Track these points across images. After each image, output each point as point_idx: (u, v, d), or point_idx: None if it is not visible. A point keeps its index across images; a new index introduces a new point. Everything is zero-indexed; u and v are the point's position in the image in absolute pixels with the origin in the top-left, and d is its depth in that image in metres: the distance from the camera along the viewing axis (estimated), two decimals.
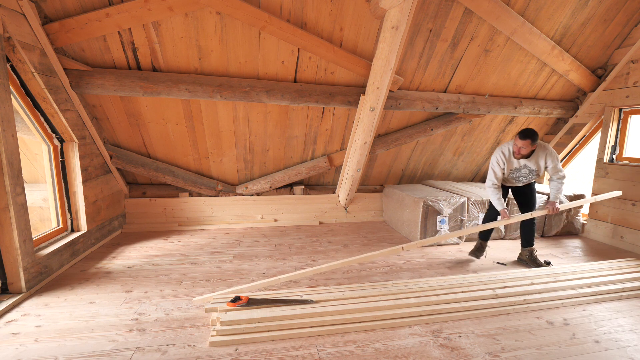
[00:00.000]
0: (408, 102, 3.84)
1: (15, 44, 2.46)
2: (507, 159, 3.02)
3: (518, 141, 2.86)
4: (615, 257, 3.50)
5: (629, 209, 3.78)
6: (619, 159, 3.97)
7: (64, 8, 2.75)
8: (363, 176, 4.75)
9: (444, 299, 2.46)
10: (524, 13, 3.40)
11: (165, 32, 2.99)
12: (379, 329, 2.19)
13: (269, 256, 3.42)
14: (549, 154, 2.95)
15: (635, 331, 2.22)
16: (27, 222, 2.53)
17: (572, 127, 4.55)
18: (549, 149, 2.96)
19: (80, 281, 2.77)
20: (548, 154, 2.95)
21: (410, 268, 3.18)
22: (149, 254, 3.40)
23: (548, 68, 3.99)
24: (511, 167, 3.04)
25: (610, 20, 3.67)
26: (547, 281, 2.76)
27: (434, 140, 4.52)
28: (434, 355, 1.95)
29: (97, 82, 3.10)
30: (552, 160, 2.95)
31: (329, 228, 4.45)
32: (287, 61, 3.36)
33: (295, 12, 3.03)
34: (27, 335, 2.04)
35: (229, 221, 4.43)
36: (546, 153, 2.95)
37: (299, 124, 3.94)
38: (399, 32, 2.91)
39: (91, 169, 3.45)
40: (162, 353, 1.91)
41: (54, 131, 3.07)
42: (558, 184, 3.03)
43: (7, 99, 2.34)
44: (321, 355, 1.93)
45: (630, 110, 3.91)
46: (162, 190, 4.26)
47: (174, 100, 3.48)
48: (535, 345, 2.06)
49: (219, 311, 2.24)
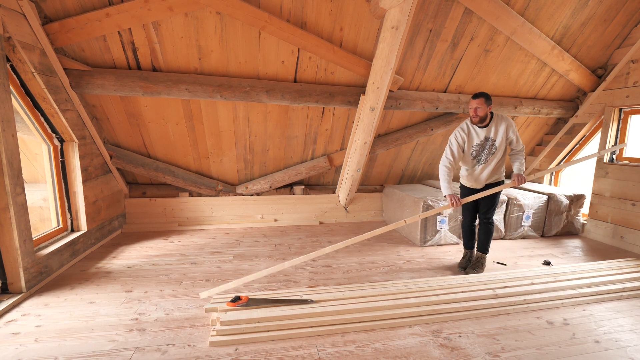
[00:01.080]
0: (408, 102, 3.84)
1: (15, 44, 2.46)
2: (467, 133, 2.84)
3: (472, 102, 2.73)
4: (615, 257, 3.50)
5: (629, 209, 3.78)
6: (619, 159, 3.97)
7: (64, 8, 2.75)
8: (363, 176, 4.75)
9: (444, 299, 2.46)
10: (524, 13, 3.40)
11: (165, 32, 2.99)
12: (379, 329, 2.19)
13: (269, 256, 3.41)
14: (510, 125, 2.80)
15: (635, 331, 2.22)
16: (27, 222, 2.53)
17: (572, 127, 4.55)
18: (509, 120, 2.82)
19: (80, 281, 2.77)
20: (509, 125, 2.80)
21: (410, 268, 3.18)
22: (149, 253, 3.40)
23: (548, 68, 3.99)
24: (472, 143, 2.86)
25: (610, 20, 3.67)
26: (547, 281, 2.76)
27: (434, 140, 4.52)
28: (434, 355, 1.95)
29: (97, 82, 3.10)
30: (514, 132, 2.82)
31: (329, 228, 4.45)
32: (287, 61, 3.36)
33: (295, 12, 3.03)
34: (27, 335, 2.04)
35: (229, 221, 4.43)
36: (507, 124, 2.79)
37: (299, 124, 3.94)
38: (399, 32, 2.91)
39: (91, 169, 3.45)
40: (162, 353, 1.91)
41: (54, 131, 3.07)
42: (520, 156, 2.88)
43: (7, 99, 2.34)
44: (321, 355, 1.93)
45: (630, 110, 3.90)
46: (162, 190, 4.26)
47: (174, 100, 3.48)
48: (535, 345, 2.06)
49: (218, 311, 2.24)
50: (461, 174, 3.12)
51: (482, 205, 3.08)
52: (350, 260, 3.33)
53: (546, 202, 4.12)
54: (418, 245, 3.82)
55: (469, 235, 3.21)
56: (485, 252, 3.14)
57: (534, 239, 4.16)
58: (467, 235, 3.22)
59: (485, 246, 3.14)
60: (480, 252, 3.15)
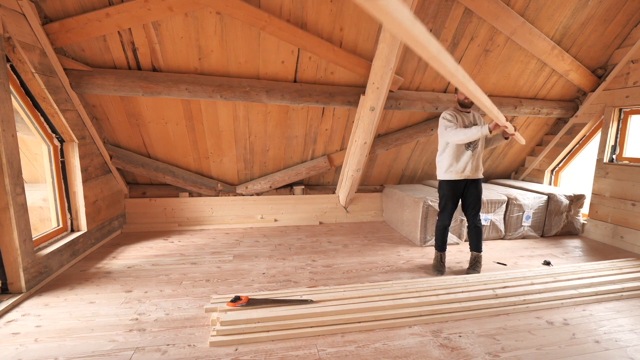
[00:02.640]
0: (408, 102, 3.84)
1: (15, 44, 2.46)
2: (455, 116, 2.89)
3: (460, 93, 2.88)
4: (615, 257, 3.50)
5: (629, 209, 3.78)
6: (619, 159, 3.97)
7: (64, 8, 2.75)
8: (363, 176, 4.75)
9: (444, 299, 2.46)
10: (524, 13, 3.40)
11: (165, 32, 2.99)
12: (379, 329, 2.19)
13: (269, 256, 3.41)
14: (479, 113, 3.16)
15: (635, 331, 2.22)
16: (27, 222, 2.53)
17: (572, 127, 4.55)
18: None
19: (80, 281, 2.77)
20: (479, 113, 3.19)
21: (410, 268, 3.18)
22: (149, 254, 3.39)
23: (548, 68, 3.99)
24: (463, 124, 2.91)
25: (610, 20, 3.67)
26: (547, 281, 2.76)
27: (434, 140, 4.52)
28: (434, 355, 1.95)
29: (97, 82, 3.10)
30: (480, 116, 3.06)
31: (329, 228, 4.45)
32: (287, 61, 3.36)
33: (295, 12, 3.03)
34: (27, 335, 2.04)
35: (229, 221, 4.43)
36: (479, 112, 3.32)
37: (299, 124, 3.94)
38: None
39: (91, 169, 3.45)
40: (162, 353, 1.91)
41: (54, 131, 3.07)
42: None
43: (7, 99, 2.34)
44: (321, 355, 1.93)
45: (630, 110, 3.90)
46: (162, 190, 4.26)
47: (174, 100, 3.48)
48: (535, 345, 2.06)
49: (218, 311, 2.24)
50: (444, 167, 2.95)
51: (470, 207, 3.04)
52: (350, 261, 3.33)
53: (546, 202, 4.12)
54: (418, 245, 3.82)
55: (444, 237, 3.12)
56: (481, 250, 3.13)
57: (534, 239, 4.16)
58: (443, 237, 3.12)
59: (480, 245, 3.12)
60: (478, 251, 3.13)
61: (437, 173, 3.07)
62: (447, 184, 2.98)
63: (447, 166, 2.94)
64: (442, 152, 2.99)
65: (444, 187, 3.01)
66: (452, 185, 2.97)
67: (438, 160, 3.04)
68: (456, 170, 2.92)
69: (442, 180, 3.01)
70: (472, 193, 3.00)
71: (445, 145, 2.95)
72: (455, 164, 2.91)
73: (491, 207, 3.93)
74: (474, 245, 3.13)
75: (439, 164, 3.03)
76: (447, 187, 2.99)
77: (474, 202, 3.02)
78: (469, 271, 3.08)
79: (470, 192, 3.00)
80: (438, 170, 3.04)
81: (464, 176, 2.92)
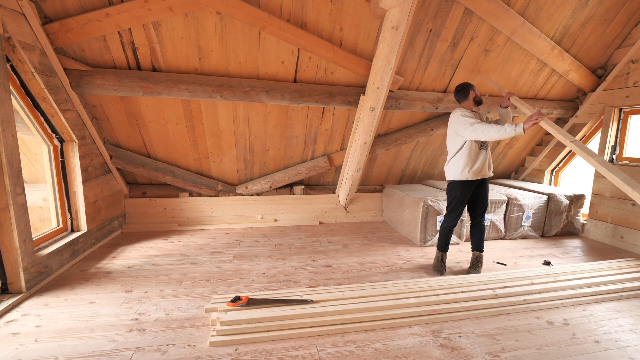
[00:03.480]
0: (408, 102, 3.84)
1: (15, 44, 2.46)
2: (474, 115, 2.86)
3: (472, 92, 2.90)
4: (615, 257, 3.50)
5: (629, 209, 3.78)
6: (619, 159, 3.97)
7: (64, 8, 2.75)
8: (363, 176, 4.75)
9: (444, 299, 2.46)
10: (524, 13, 3.40)
11: (165, 32, 2.99)
12: (379, 329, 2.19)
13: (269, 256, 3.41)
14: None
15: (635, 331, 2.22)
16: (27, 222, 2.53)
17: (572, 127, 4.55)
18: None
19: (80, 281, 2.77)
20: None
21: (410, 268, 3.18)
22: (149, 254, 3.39)
23: (548, 68, 3.99)
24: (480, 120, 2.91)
25: (610, 20, 3.67)
26: (547, 281, 2.76)
27: (434, 140, 4.52)
28: (434, 355, 1.95)
29: (97, 82, 3.10)
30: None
31: (329, 228, 4.45)
32: (287, 61, 3.36)
33: (295, 12, 3.03)
34: (27, 335, 2.04)
35: (229, 221, 4.43)
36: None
37: (299, 124, 3.94)
38: (399, 32, 2.91)
39: (91, 169, 3.45)
40: (162, 353, 1.91)
41: (54, 131, 3.07)
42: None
43: (7, 99, 2.34)
44: (321, 355, 1.93)
45: (630, 110, 3.90)
46: (162, 190, 4.26)
47: (174, 100, 3.48)
48: (535, 345, 2.06)
49: (219, 311, 2.24)
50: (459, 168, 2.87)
51: (479, 207, 3.05)
52: (350, 261, 3.33)
53: (546, 202, 4.12)
54: (418, 245, 3.82)
55: (449, 238, 3.10)
56: (482, 250, 3.14)
57: (534, 239, 4.16)
58: (447, 238, 3.10)
59: (482, 245, 3.13)
60: (480, 251, 3.13)
61: (448, 174, 2.98)
62: (462, 185, 2.91)
63: (463, 167, 2.86)
64: (455, 152, 2.90)
65: (458, 189, 2.93)
66: (467, 186, 2.92)
67: (451, 162, 2.94)
68: (474, 171, 2.86)
69: (457, 181, 2.93)
70: (481, 193, 3.01)
71: (460, 146, 2.86)
72: (471, 164, 2.85)
73: (491, 207, 3.92)
74: (476, 244, 3.14)
75: (452, 165, 2.93)
76: (460, 188, 2.92)
77: (482, 202, 3.03)
78: (470, 271, 3.09)
79: (480, 191, 3.01)
80: (452, 172, 2.94)
81: (480, 175, 2.89)
